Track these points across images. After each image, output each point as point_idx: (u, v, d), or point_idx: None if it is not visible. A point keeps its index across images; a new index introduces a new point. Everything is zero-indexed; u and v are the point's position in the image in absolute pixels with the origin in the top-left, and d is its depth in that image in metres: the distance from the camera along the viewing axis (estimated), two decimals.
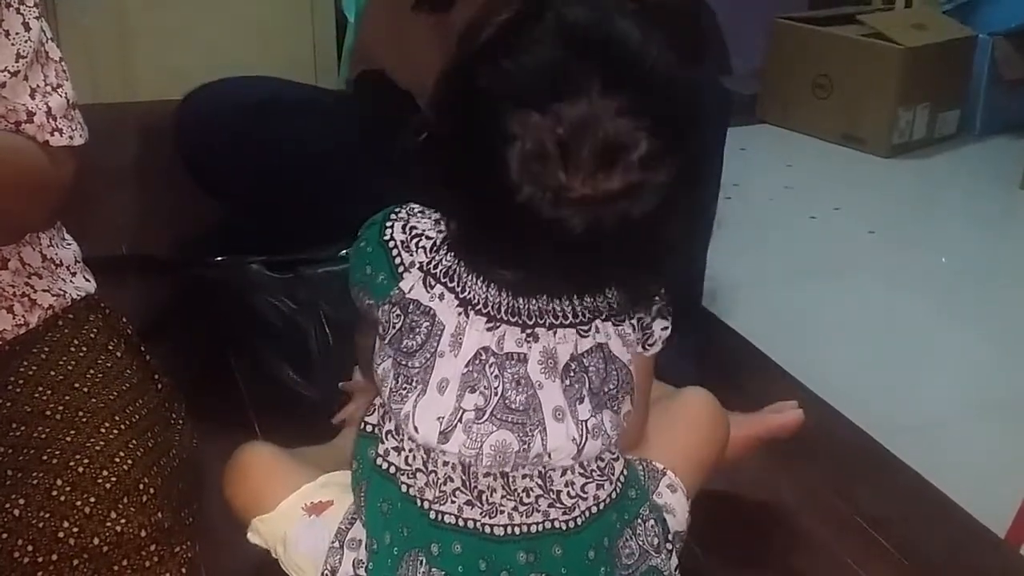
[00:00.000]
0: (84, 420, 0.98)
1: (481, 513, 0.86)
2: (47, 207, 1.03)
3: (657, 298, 0.88)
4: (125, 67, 2.73)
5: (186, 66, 2.70)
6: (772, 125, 3.11)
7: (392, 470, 0.89)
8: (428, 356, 0.83)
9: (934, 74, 3.19)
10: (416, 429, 0.85)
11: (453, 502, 0.86)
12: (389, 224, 0.86)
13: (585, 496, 0.88)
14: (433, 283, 0.84)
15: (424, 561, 0.87)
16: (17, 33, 0.97)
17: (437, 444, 0.84)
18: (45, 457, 0.94)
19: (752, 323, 1.70)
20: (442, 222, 0.84)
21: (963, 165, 3.06)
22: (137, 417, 1.01)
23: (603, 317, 0.85)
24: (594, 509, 0.89)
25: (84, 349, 1.07)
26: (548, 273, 0.79)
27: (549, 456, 0.85)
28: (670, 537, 0.96)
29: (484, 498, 0.86)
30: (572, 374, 0.84)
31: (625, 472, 0.93)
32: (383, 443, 0.90)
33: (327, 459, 1.05)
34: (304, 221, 1.53)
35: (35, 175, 0.98)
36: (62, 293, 1.10)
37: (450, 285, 0.83)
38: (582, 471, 0.88)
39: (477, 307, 0.82)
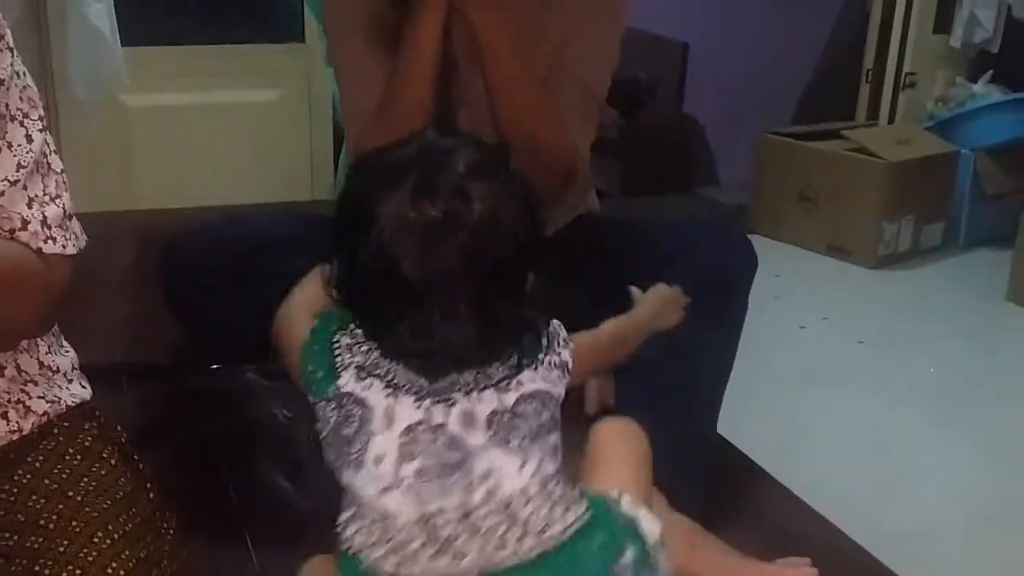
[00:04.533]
0: (78, 530, 0.97)
1: (449, 561, 0.90)
2: (39, 312, 1.04)
3: (550, 329, 0.98)
4: (126, 178, 2.77)
5: (185, 177, 2.76)
6: (761, 236, 3.16)
7: (355, 549, 0.93)
8: (364, 439, 0.92)
9: (918, 188, 3.26)
10: (362, 492, 0.92)
11: (416, 562, 0.91)
12: (332, 335, 0.96)
13: (553, 523, 0.92)
14: (364, 375, 0.93)
15: None
16: (19, 144, 1.00)
17: (384, 506, 0.91)
18: (37, 568, 0.94)
19: (741, 431, 1.70)
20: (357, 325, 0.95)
21: (949, 276, 3.10)
22: (130, 527, 1.01)
23: (519, 372, 0.94)
24: (566, 534, 0.93)
25: (78, 457, 1.07)
26: (446, 344, 0.90)
27: (498, 489, 0.92)
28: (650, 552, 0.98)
29: (448, 545, 0.90)
30: (497, 425, 0.92)
31: (585, 498, 0.97)
32: (347, 530, 0.95)
33: None
34: None
35: (26, 279, 1.00)
36: (57, 400, 1.11)
37: (378, 374, 0.93)
38: (544, 498, 0.93)
39: (404, 388, 0.92)
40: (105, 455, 1.09)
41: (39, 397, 1.09)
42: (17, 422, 1.06)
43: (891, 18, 3.65)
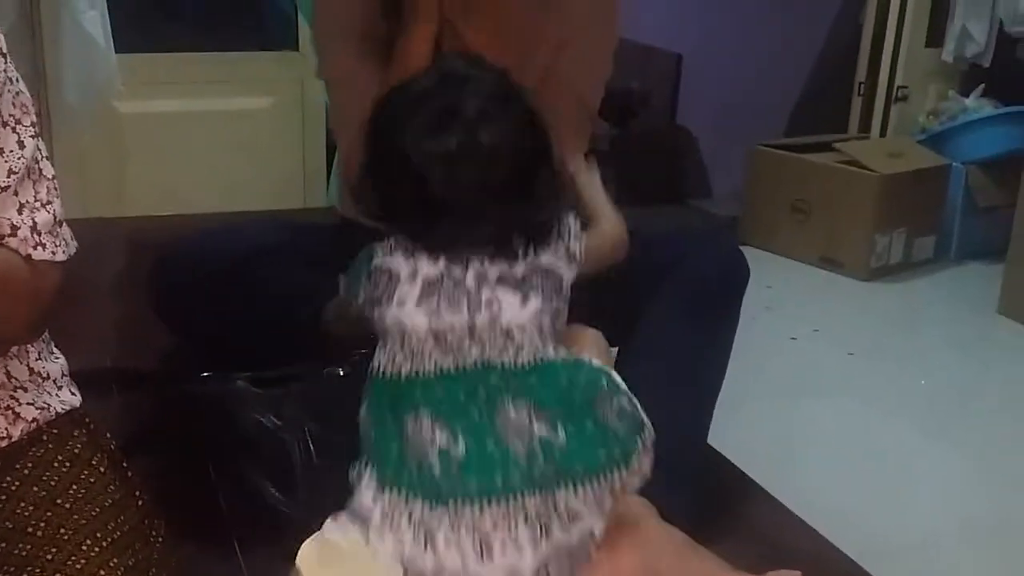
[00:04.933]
0: (66, 537, 0.97)
1: (453, 359, 1.07)
2: (29, 318, 1.04)
3: (560, 224, 1.13)
4: (119, 184, 2.77)
5: (178, 184, 2.76)
6: (753, 247, 3.16)
7: (381, 370, 1.09)
8: (391, 290, 1.09)
9: (910, 201, 3.27)
10: (388, 323, 1.08)
11: (427, 361, 1.07)
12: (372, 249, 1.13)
13: (545, 352, 1.09)
14: (390, 252, 1.10)
15: (417, 417, 1.05)
16: (11, 150, 1.00)
17: (404, 326, 1.07)
18: (25, 575, 0.93)
19: (732, 443, 1.70)
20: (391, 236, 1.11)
21: (940, 289, 3.11)
22: (118, 534, 1.01)
23: (528, 255, 1.10)
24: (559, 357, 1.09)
25: (67, 464, 1.07)
26: (470, 243, 1.07)
27: (500, 315, 1.07)
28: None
29: (454, 349, 1.07)
30: (505, 282, 1.09)
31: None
32: (376, 361, 1.10)
33: None
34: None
35: (15, 285, 0.99)
36: (47, 407, 1.10)
37: (403, 246, 1.10)
38: (538, 334, 1.09)
39: (420, 251, 1.08)
40: (94, 462, 1.09)
41: (29, 404, 1.08)
42: (6, 429, 1.06)
43: (883, 31, 3.66)
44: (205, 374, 1.48)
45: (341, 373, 1.42)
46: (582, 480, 1.06)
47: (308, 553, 1.07)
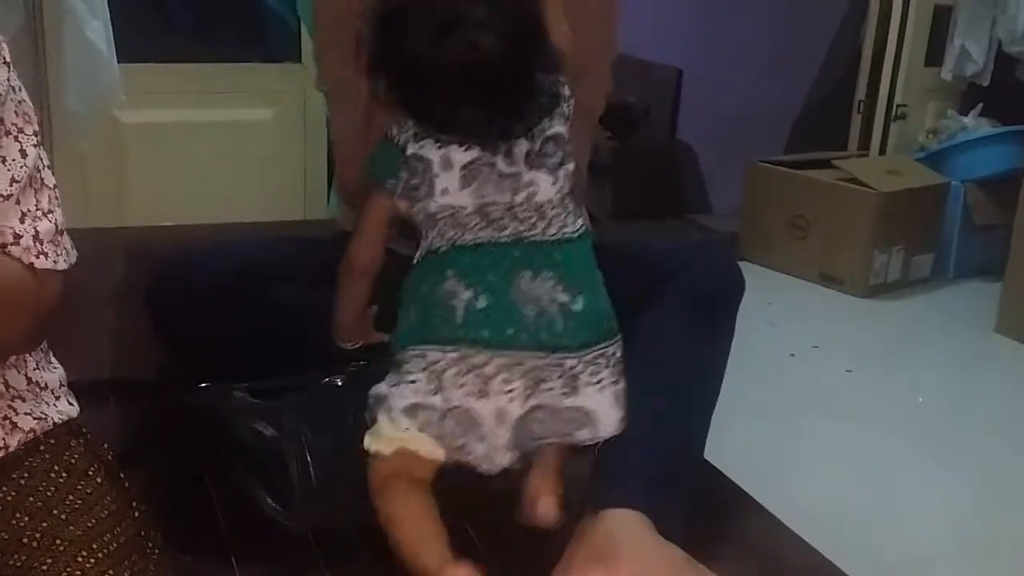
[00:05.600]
0: (62, 548, 0.97)
1: (492, 232, 1.22)
2: (29, 327, 1.04)
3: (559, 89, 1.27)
4: (119, 194, 2.77)
5: (179, 194, 2.76)
6: (752, 263, 3.17)
7: (435, 247, 1.23)
8: (430, 180, 1.22)
9: (908, 218, 3.27)
10: (436, 208, 1.22)
11: (470, 231, 1.22)
12: (385, 133, 1.26)
13: (568, 224, 1.25)
14: (419, 139, 1.23)
15: (445, 279, 1.21)
16: (13, 159, 1.00)
17: (452, 206, 1.21)
18: None
19: (731, 459, 1.70)
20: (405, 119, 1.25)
21: (938, 307, 3.12)
22: (115, 546, 1.00)
23: (540, 123, 1.25)
24: (576, 234, 1.26)
25: (64, 475, 1.06)
26: (469, 111, 1.21)
27: (536, 193, 1.23)
28: None
29: (494, 223, 1.22)
30: (531, 159, 1.23)
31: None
32: (427, 240, 1.24)
33: None
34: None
35: (17, 294, 0.99)
36: (44, 417, 1.10)
37: (429, 136, 1.23)
38: (563, 208, 1.25)
39: (452, 142, 1.22)
40: (91, 473, 1.09)
41: (26, 414, 1.08)
42: (3, 438, 1.06)
43: (883, 50, 3.67)
44: (203, 384, 1.48)
45: (339, 383, 1.42)
46: (587, 347, 1.22)
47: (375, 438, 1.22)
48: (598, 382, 1.22)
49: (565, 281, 1.22)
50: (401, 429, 1.20)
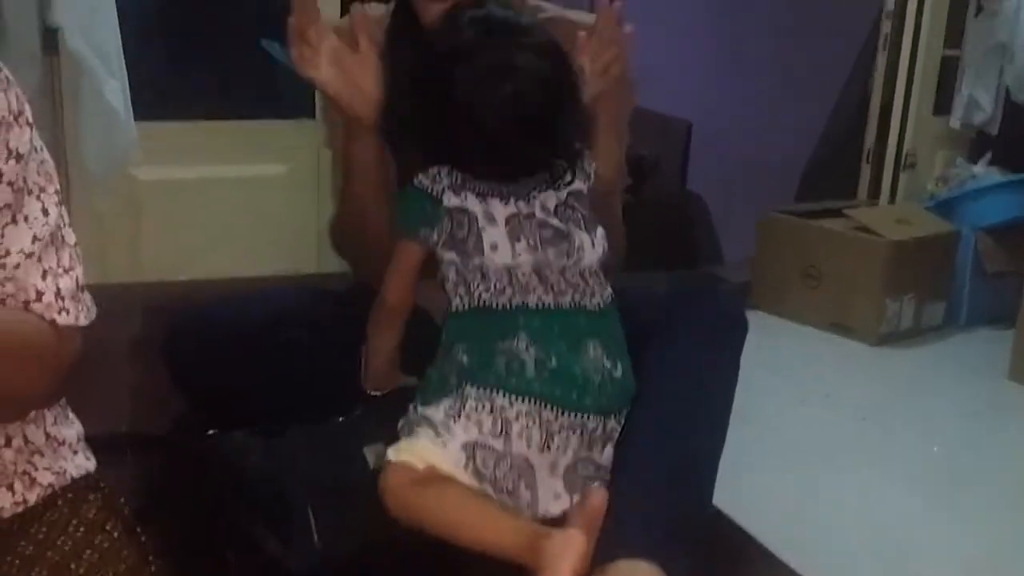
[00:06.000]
0: None
1: (554, 297, 1.28)
2: (50, 383, 1.05)
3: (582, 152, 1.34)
4: (135, 250, 2.79)
5: (194, 249, 2.78)
6: (764, 312, 3.17)
7: (483, 301, 1.28)
8: (476, 234, 1.28)
9: (919, 267, 3.27)
10: (489, 264, 1.28)
11: (531, 293, 1.28)
12: (415, 182, 1.30)
13: (603, 291, 1.32)
14: (458, 191, 1.29)
15: (516, 338, 1.26)
16: (36, 218, 1.02)
17: (509, 266, 1.27)
18: None
19: (742, 508, 1.70)
20: (440, 168, 1.30)
21: (950, 355, 3.11)
22: None
23: (565, 176, 1.32)
24: (604, 303, 1.32)
25: (82, 529, 1.08)
26: (512, 155, 1.28)
27: (582, 258, 1.31)
28: None
29: (554, 287, 1.29)
30: (562, 213, 1.31)
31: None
32: (475, 292, 1.29)
33: None
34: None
35: (40, 350, 1.01)
36: (62, 471, 1.11)
37: (468, 188, 1.29)
38: (598, 274, 1.32)
39: (490, 194, 1.29)
40: (108, 527, 1.10)
41: (45, 468, 1.09)
42: (23, 493, 1.07)
43: (891, 99, 3.70)
44: (211, 432, 1.50)
45: (340, 420, 1.43)
46: (621, 410, 1.31)
47: (385, 451, 1.26)
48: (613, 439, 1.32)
49: (610, 349, 1.30)
50: (452, 463, 1.23)
